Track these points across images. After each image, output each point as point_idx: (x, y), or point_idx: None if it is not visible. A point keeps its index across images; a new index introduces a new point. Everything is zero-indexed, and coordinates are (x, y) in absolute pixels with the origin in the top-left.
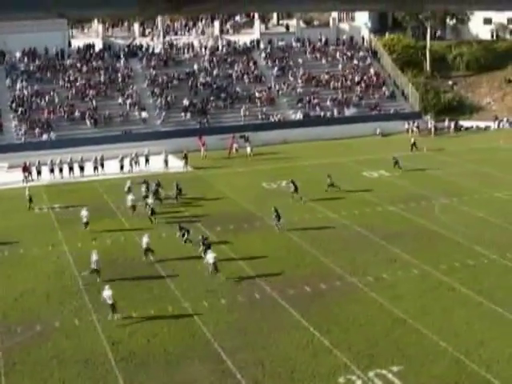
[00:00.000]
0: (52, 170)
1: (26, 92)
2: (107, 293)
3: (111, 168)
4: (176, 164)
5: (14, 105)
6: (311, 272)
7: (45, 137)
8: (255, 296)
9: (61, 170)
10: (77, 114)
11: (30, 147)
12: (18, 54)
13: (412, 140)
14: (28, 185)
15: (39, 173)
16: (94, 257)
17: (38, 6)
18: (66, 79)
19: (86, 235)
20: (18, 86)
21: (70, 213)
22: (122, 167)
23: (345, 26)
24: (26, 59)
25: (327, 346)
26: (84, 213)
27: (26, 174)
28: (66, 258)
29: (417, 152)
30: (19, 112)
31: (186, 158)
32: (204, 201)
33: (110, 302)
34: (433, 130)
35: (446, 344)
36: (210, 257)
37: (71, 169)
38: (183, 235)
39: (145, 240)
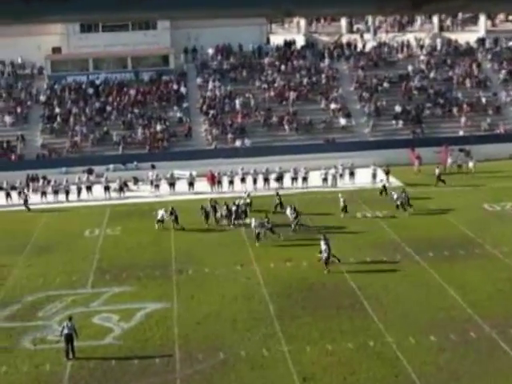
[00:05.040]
0: (243, 180)
1: (218, 93)
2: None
3: (313, 181)
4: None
5: (204, 107)
6: None
7: (238, 143)
8: (470, 335)
9: (255, 181)
10: (274, 118)
11: (222, 154)
12: (210, 51)
13: None
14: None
15: (231, 183)
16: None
17: (263, 2)
18: (263, 80)
19: (279, 255)
20: (210, 86)
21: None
22: (324, 180)
23: None
24: (219, 56)
25: None
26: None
27: (214, 183)
28: (256, 280)
29: None
30: (210, 115)
31: (387, 173)
32: (414, 222)
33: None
34: None
35: None
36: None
37: (266, 180)
38: None
39: None
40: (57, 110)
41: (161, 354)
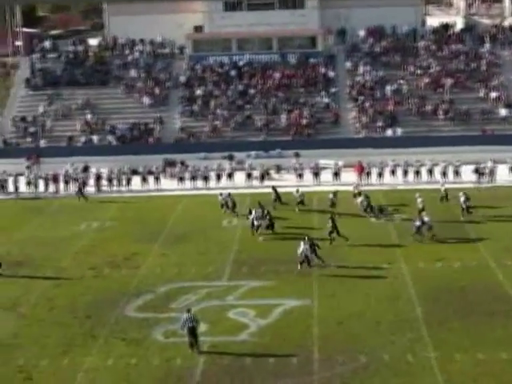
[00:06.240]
0: (393, 172)
1: (368, 78)
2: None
3: (467, 175)
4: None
5: (353, 93)
6: None
7: (389, 132)
8: None
9: (405, 173)
10: (428, 107)
11: (371, 144)
12: (361, 33)
13: None
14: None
15: (380, 175)
16: None
17: None
18: (418, 65)
19: (429, 254)
20: (361, 70)
21: (409, 225)
22: (482, 174)
23: None
24: (370, 39)
25: None
26: None
27: (362, 175)
28: (404, 280)
29: None
30: (360, 101)
31: None
32: None
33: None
34: None
35: None
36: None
37: (417, 173)
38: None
39: None
40: (197, 91)
41: (298, 354)
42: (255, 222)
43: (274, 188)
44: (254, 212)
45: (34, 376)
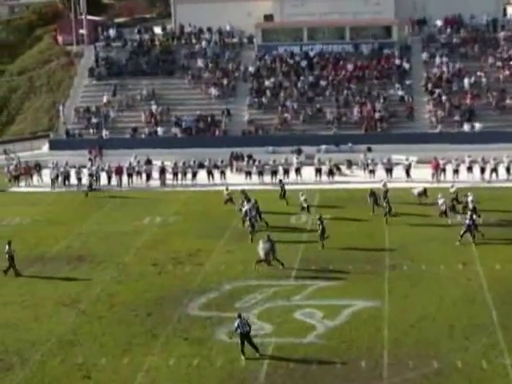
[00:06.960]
0: (470, 169)
1: (445, 70)
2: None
3: None
4: None
5: (429, 85)
6: None
7: (466, 127)
8: None
9: (482, 171)
10: (508, 101)
11: (447, 139)
12: (438, 23)
13: None
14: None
15: (456, 172)
16: None
17: None
18: (498, 57)
19: (506, 255)
20: (437, 61)
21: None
22: None
23: None
24: (448, 29)
25: None
26: None
27: (436, 171)
28: (479, 282)
29: None
30: (435, 94)
31: None
32: None
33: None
34: None
35: None
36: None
37: (494, 170)
38: None
39: None
40: (266, 82)
41: (367, 358)
42: (248, 213)
43: (281, 181)
44: (251, 202)
45: (93, 375)
